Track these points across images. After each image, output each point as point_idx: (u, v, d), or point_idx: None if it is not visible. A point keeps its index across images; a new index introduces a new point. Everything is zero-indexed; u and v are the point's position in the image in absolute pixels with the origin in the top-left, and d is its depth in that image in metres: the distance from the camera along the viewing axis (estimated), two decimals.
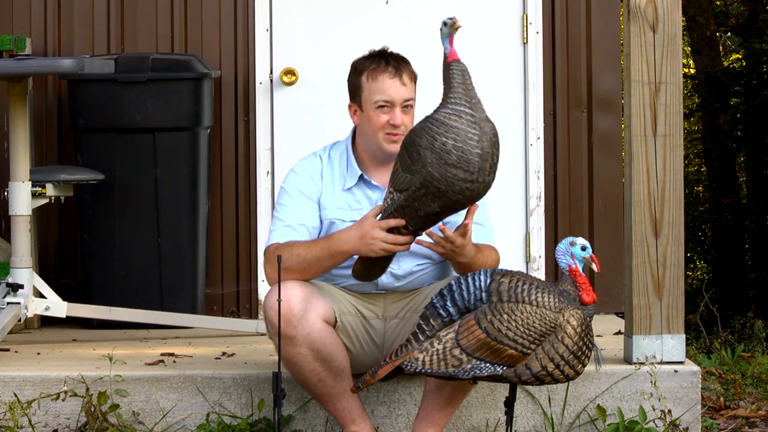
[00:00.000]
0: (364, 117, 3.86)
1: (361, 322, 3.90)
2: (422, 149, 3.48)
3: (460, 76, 3.53)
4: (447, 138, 3.46)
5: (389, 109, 3.82)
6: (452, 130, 3.47)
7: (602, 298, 5.44)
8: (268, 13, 5.59)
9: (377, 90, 3.82)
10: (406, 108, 3.83)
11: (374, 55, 3.89)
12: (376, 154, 3.88)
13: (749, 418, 4.37)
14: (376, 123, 3.82)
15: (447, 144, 3.46)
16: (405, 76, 3.83)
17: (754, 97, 10.82)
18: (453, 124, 3.47)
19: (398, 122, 3.80)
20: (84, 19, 5.57)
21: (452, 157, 3.45)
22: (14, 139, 4.61)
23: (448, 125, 3.47)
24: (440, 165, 3.46)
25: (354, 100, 3.90)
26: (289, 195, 3.90)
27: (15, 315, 4.55)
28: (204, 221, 5.38)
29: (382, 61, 3.85)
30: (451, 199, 3.50)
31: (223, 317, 5.36)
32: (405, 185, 3.53)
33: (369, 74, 3.85)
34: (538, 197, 5.58)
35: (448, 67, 3.55)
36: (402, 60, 3.88)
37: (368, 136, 3.87)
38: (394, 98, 3.81)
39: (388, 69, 3.83)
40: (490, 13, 5.60)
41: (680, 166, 4.13)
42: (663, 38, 4.11)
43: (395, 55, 3.89)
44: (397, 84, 3.82)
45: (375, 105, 3.82)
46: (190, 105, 5.27)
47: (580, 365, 3.51)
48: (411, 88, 3.85)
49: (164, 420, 4.09)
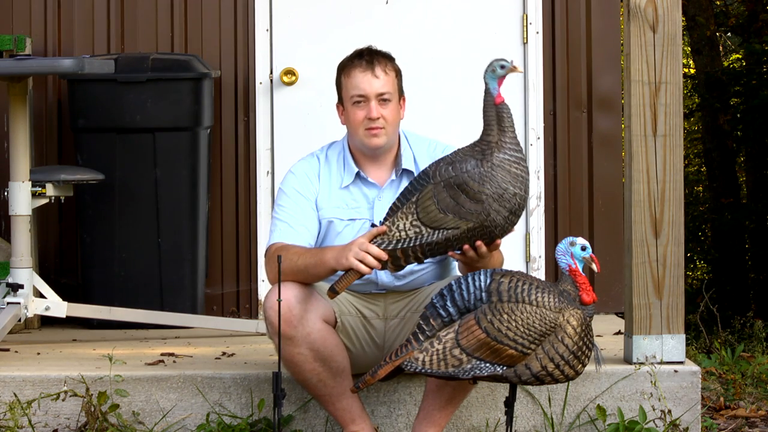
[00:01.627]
0: (346, 115, 3.88)
1: (361, 322, 3.90)
2: (486, 197, 3.55)
3: (510, 120, 3.61)
4: (515, 188, 3.55)
5: (365, 104, 3.82)
6: (519, 178, 3.57)
7: (602, 298, 5.44)
8: (268, 13, 5.59)
9: (352, 85, 3.84)
10: (384, 100, 3.83)
11: (353, 53, 3.91)
12: (362, 150, 3.89)
13: (749, 418, 4.37)
14: (354, 119, 3.84)
15: (517, 195, 3.56)
16: (378, 69, 3.83)
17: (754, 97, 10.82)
18: (517, 172, 3.57)
19: (374, 115, 3.81)
20: (84, 19, 5.57)
21: (514, 204, 3.56)
22: (14, 139, 4.61)
23: (515, 174, 3.56)
24: (504, 211, 3.56)
25: (339, 100, 3.92)
26: (288, 196, 3.91)
27: (15, 315, 4.55)
28: (204, 221, 5.38)
29: (357, 57, 3.87)
30: (486, 233, 3.59)
31: (223, 317, 5.35)
32: (451, 224, 3.57)
33: (345, 72, 3.88)
34: (538, 197, 5.57)
35: (497, 108, 3.61)
36: (379, 54, 3.88)
37: (351, 133, 3.89)
38: (366, 92, 3.81)
39: (361, 63, 3.84)
40: (490, 13, 5.60)
41: (680, 166, 4.13)
42: (663, 38, 4.11)
43: (373, 51, 3.90)
44: (369, 77, 3.82)
45: (351, 101, 3.84)
46: (190, 105, 5.27)
47: (580, 365, 3.51)
48: (387, 81, 3.84)
49: (164, 420, 4.09)
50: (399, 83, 3.89)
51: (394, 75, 3.87)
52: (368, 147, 3.86)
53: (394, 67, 3.89)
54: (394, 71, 3.88)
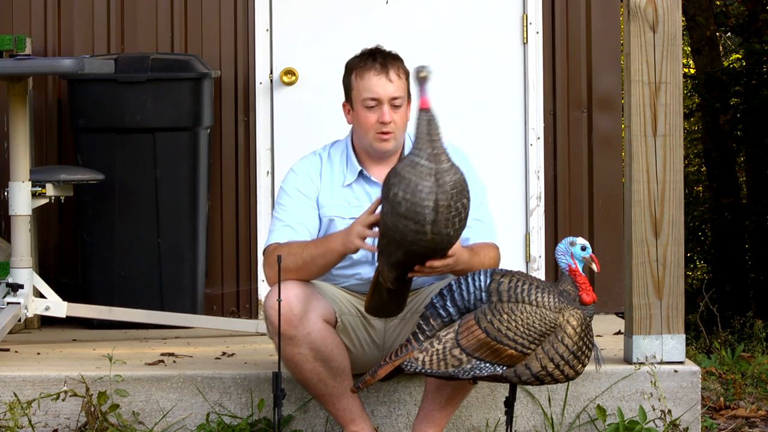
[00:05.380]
0: (355, 116, 3.86)
1: (361, 322, 3.90)
2: (382, 199, 3.46)
3: (425, 126, 3.40)
4: (398, 189, 3.38)
5: (377, 107, 3.79)
6: (404, 181, 3.37)
7: (602, 298, 5.44)
8: (268, 13, 5.59)
9: (364, 88, 3.80)
10: (396, 105, 3.80)
11: (364, 53, 3.87)
12: (369, 151, 3.89)
13: (749, 418, 4.38)
14: (365, 122, 3.81)
15: (398, 195, 3.38)
16: (392, 73, 3.80)
17: (754, 97, 10.83)
18: (405, 175, 3.38)
19: (386, 120, 3.78)
20: (84, 19, 5.57)
21: (401, 208, 3.37)
22: (14, 139, 4.61)
23: (401, 176, 3.39)
24: (393, 215, 3.40)
25: (347, 100, 3.90)
26: (288, 195, 3.90)
27: (15, 315, 4.55)
28: (204, 221, 5.38)
29: (370, 58, 3.83)
30: (409, 249, 3.43)
31: (223, 317, 5.35)
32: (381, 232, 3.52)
33: (357, 72, 3.83)
34: (538, 197, 5.57)
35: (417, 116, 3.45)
36: (391, 57, 3.85)
37: (360, 135, 3.86)
38: (380, 95, 3.78)
39: (375, 66, 3.80)
40: (490, 13, 5.60)
41: (680, 166, 4.13)
42: (663, 38, 4.11)
43: (385, 52, 3.86)
44: (383, 81, 3.79)
45: (363, 103, 3.81)
46: (190, 105, 5.27)
47: (580, 365, 3.51)
48: (400, 85, 3.81)
49: (164, 420, 4.09)
50: (408, 86, 3.87)
51: (405, 79, 3.84)
52: (377, 151, 3.85)
53: (405, 70, 3.85)
54: (405, 74, 3.85)
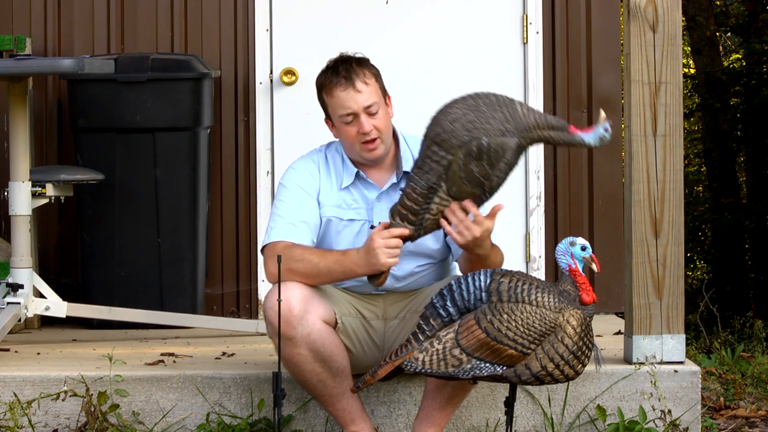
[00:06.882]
0: (338, 131, 3.85)
1: (361, 323, 3.90)
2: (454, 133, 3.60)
3: None
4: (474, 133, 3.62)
5: (355, 120, 3.77)
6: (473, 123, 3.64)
7: (602, 298, 5.44)
8: (268, 13, 5.59)
9: (336, 105, 3.78)
10: (372, 113, 3.78)
11: (328, 68, 3.83)
12: (361, 161, 3.88)
13: (749, 418, 4.37)
14: (348, 136, 3.81)
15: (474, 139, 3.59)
16: (358, 83, 3.76)
17: (754, 97, 10.82)
18: None
19: (366, 129, 3.77)
20: (84, 19, 5.57)
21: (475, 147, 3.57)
22: (14, 139, 4.61)
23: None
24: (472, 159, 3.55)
25: (327, 117, 3.88)
26: (289, 191, 3.88)
27: (15, 315, 4.55)
28: (204, 221, 5.38)
29: (333, 74, 3.79)
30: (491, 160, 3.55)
31: (223, 317, 5.35)
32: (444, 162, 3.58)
33: (325, 91, 3.82)
34: (538, 197, 5.57)
35: None
36: (355, 63, 3.80)
37: (347, 147, 3.86)
38: (353, 109, 3.76)
39: (340, 81, 3.76)
40: (490, 13, 5.60)
41: (680, 166, 4.13)
42: (663, 38, 4.11)
43: (348, 60, 3.81)
44: (351, 94, 3.76)
45: (341, 120, 3.79)
46: (190, 105, 5.27)
47: (580, 365, 3.51)
48: (370, 92, 3.77)
49: (164, 420, 4.09)
50: (381, 85, 3.83)
51: (374, 81, 3.80)
52: (369, 159, 3.84)
53: (372, 73, 3.81)
54: (374, 77, 3.81)
